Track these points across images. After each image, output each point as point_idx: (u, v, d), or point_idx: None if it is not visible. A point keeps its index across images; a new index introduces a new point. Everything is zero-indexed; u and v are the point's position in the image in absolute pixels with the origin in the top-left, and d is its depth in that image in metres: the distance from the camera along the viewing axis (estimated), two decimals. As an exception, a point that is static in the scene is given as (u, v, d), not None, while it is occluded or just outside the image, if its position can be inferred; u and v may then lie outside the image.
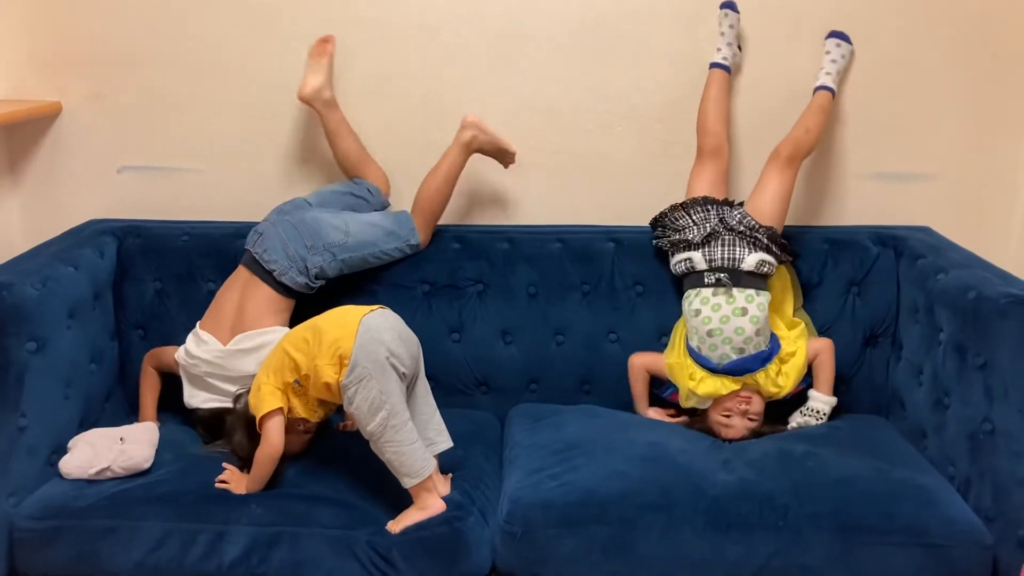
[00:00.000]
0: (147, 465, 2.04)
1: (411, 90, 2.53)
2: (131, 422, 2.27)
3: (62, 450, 2.07)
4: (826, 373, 2.30)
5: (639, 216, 2.50)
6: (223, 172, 2.59)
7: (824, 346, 2.32)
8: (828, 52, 2.44)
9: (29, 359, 1.99)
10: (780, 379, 2.27)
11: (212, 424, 2.22)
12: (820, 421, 2.28)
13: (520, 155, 2.54)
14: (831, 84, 2.42)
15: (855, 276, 2.42)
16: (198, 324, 2.31)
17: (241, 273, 2.32)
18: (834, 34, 2.44)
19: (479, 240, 2.46)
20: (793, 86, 2.48)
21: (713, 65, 2.44)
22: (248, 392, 2.11)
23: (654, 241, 2.42)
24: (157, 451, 2.09)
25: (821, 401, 2.29)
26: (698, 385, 2.23)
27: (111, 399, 2.35)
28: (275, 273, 2.28)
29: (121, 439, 2.06)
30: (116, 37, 2.52)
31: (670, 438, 2.16)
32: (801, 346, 2.30)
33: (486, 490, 2.04)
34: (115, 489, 1.97)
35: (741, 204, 2.38)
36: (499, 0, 2.47)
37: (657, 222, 2.42)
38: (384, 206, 2.51)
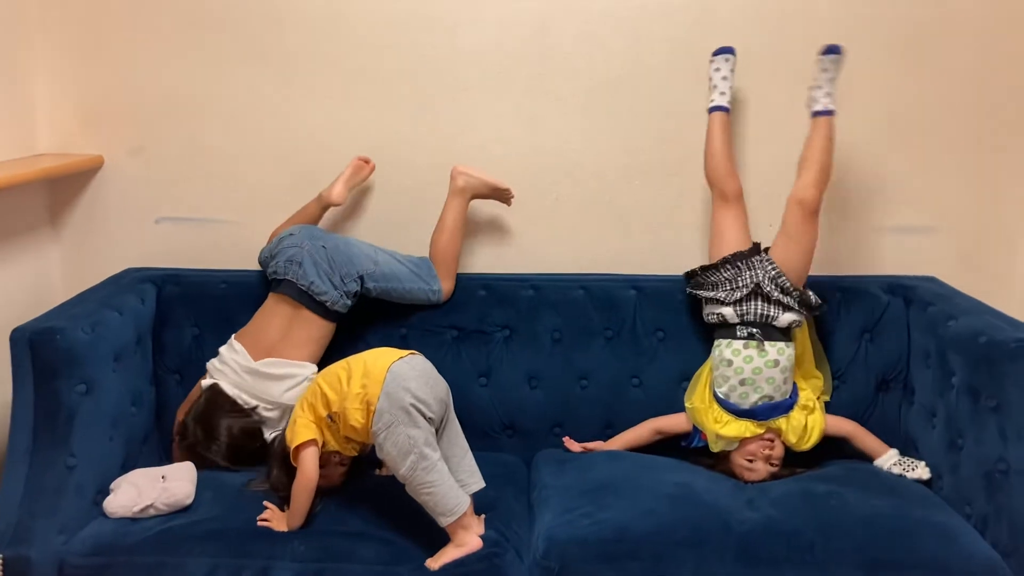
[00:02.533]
0: (189, 501, 2.10)
1: (439, 147, 2.64)
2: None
3: (107, 490, 2.13)
4: (871, 440, 2.37)
5: (659, 265, 2.62)
6: (257, 223, 2.67)
7: (852, 426, 2.39)
8: (825, 70, 2.33)
9: (79, 401, 2.07)
10: (805, 434, 2.32)
11: (212, 404, 2.32)
12: (916, 465, 2.29)
13: (544, 207, 2.67)
14: (833, 106, 2.33)
15: (867, 323, 2.52)
16: (234, 336, 2.41)
17: (285, 303, 2.38)
18: (830, 49, 2.31)
19: (505, 288, 2.56)
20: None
21: (714, 108, 2.46)
22: (283, 430, 2.19)
23: (688, 290, 2.50)
24: (197, 489, 2.15)
25: (892, 460, 2.33)
26: (723, 428, 2.31)
27: (148, 442, 2.41)
28: (327, 303, 2.38)
29: (163, 477, 2.13)
30: (156, 93, 2.64)
31: (695, 479, 2.23)
32: (816, 403, 2.37)
33: (518, 529, 2.10)
34: (161, 526, 2.03)
35: (766, 250, 2.42)
36: (524, 61, 2.60)
37: (690, 276, 2.50)
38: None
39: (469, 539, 1.99)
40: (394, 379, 2.02)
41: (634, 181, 2.66)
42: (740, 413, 2.31)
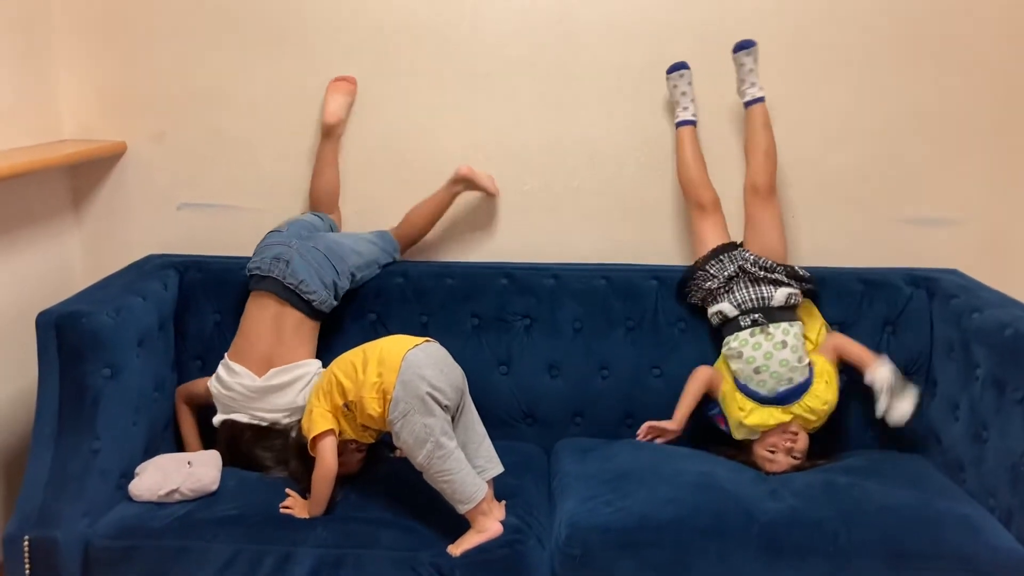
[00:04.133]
0: (215, 487, 2.11)
1: (460, 135, 2.64)
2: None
3: (130, 474, 2.14)
4: (857, 350, 2.36)
5: (681, 255, 2.62)
6: (277, 210, 2.67)
7: (840, 339, 2.39)
8: (743, 64, 2.47)
9: (104, 385, 2.08)
10: (823, 391, 2.31)
11: (233, 439, 2.28)
12: (898, 377, 2.29)
13: (565, 196, 2.67)
14: (762, 92, 2.46)
15: (889, 315, 2.50)
16: (227, 355, 2.36)
17: (269, 302, 2.35)
18: (743, 44, 2.46)
19: (526, 276, 2.55)
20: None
21: (682, 123, 2.54)
22: (299, 421, 2.19)
23: (689, 299, 2.50)
24: (222, 477, 2.15)
25: (882, 371, 2.30)
26: (747, 416, 2.31)
27: (169, 427, 2.42)
28: (315, 303, 2.36)
29: (189, 463, 2.14)
30: (179, 80, 2.65)
31: (716, 468, 2.23)
32: (828, 372, 2.34)
33: (539, 517, 2.10)
34: (185, 510, 2.04)
35: (740, 245, 2.47)
36: (544, 47, 2.59)
37: (682, 285, 2.50)
38: None
39: (490, 525, 1.99)
40: (409, 367, 2.02)
41: (656, 170, 2.65)
42: (764, 400, 2.31)
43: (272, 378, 2.30)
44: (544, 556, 1.99)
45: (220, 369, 2.35)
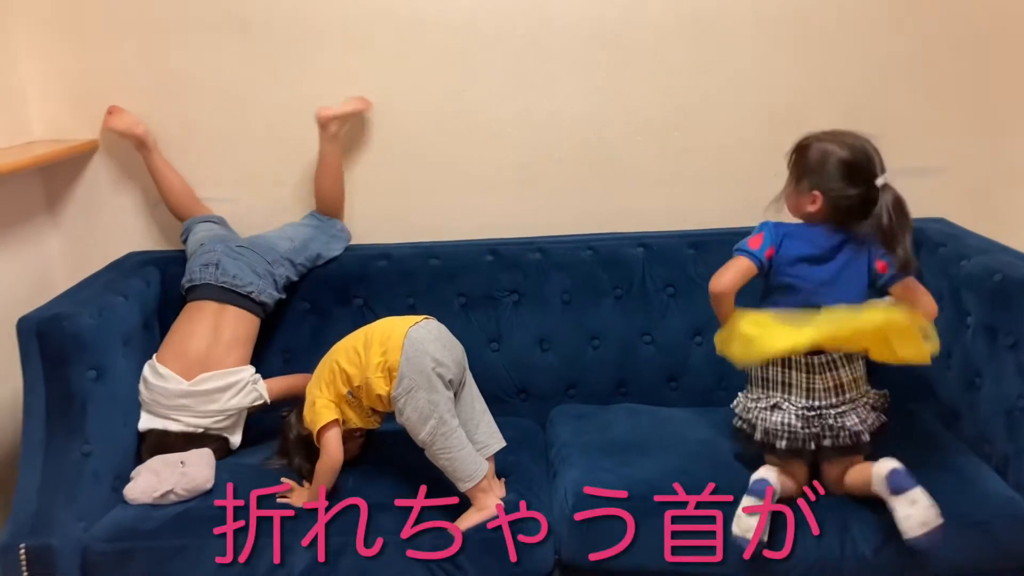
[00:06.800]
0: (209, 486, 2.09)
1: (434, 112, 2.61)
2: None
3: (124, 476, 2.12)
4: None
5: (664, 221, 2.59)
6: (254, 200, 2.65)
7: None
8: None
9: (91, 387, 2.06)
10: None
11: (158, 447, 2.20)
12: None
13: (545, 168, 2.64)
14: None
15: (878, 267, 2.49)
16: (154, 356, 2.28)
17: (206, 304, 2.32)
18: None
19: (512, 252, 2.53)
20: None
21: None
22: (294, 414, 2.18)
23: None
24: (215, 473, 2.13)
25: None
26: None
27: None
28: (253, 294, 2.35)
29: (182, 463, 2.12)
30: (146, 73, 2.59)
31: (718, 436, 2.22)
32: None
33: (538, 492, 2.10)
34: (181, 509, 2.02)
35: None
36: (519, 20, 2.55)
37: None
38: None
39: (490, 501, 1.99)
40: (412, 344, 2.01)
41: (635, 137, 2.62)
42: None
43: (201, 383, 2.24)
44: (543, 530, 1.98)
45: (146, 370, 2.25)
